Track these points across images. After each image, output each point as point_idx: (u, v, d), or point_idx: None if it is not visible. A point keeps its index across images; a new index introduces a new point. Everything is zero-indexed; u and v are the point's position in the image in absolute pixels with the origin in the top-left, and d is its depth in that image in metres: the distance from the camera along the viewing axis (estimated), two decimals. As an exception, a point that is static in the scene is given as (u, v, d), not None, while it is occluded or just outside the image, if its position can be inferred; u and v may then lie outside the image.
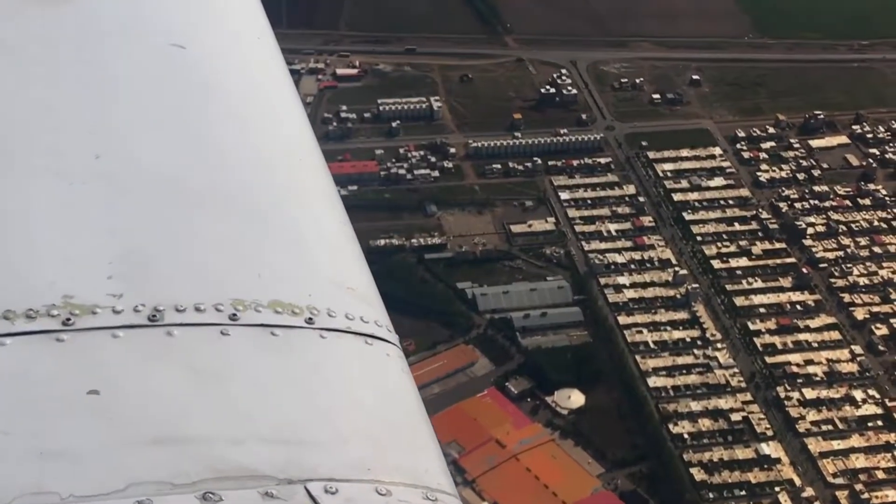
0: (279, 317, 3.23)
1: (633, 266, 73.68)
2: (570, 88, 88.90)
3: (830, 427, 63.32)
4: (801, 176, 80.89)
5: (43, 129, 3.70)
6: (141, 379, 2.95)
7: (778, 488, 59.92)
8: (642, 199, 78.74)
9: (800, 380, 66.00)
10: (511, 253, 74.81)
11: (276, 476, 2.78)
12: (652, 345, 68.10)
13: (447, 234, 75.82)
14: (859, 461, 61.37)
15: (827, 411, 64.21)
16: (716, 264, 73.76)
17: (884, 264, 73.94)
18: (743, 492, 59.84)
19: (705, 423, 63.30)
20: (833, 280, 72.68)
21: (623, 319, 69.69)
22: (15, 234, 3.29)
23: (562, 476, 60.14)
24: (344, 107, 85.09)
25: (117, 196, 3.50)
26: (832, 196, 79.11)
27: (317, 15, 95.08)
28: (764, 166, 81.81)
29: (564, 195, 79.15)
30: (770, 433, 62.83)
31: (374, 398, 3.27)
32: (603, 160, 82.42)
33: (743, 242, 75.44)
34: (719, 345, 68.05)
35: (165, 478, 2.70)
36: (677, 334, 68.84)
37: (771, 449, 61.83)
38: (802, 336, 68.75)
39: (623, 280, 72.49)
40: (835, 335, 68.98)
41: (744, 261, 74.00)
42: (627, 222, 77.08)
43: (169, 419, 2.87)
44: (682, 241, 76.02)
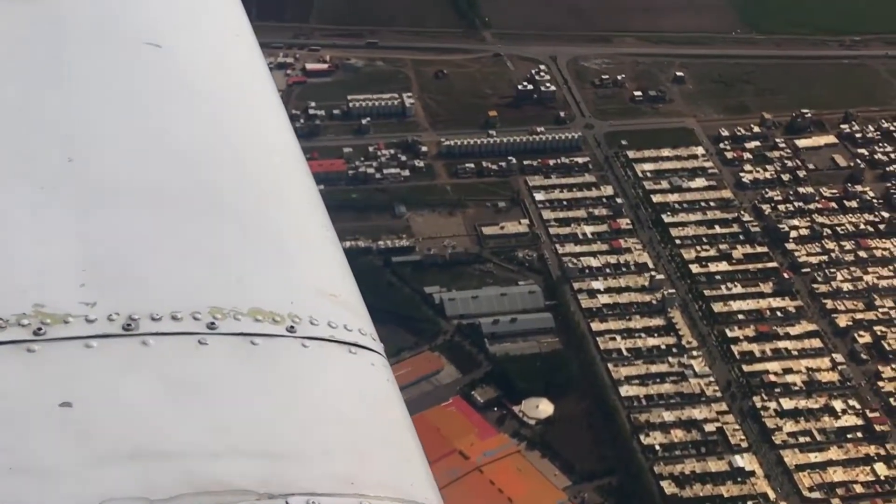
0: (259, 325, 3.22)
1: (609, 270, 73.13)
2: (549, 85, 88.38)
3: (808, 439, 62.76)
4: (786, 177, 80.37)
5: (13, 132, 3.66)
6: (115, 391, 2.93)
7: (751, 502, 59.34)
8: (620, 201, 78.19)
9: (778, 389, 65.44)
10: (482, 256, 74.24)
11: (257, 490, 2.76)
12: (625, 352, 67.54)
13: (416, 236, 75.25)
14: (837, 474, 60.81)
15: (805, 422, 63.65)
16: (694, 269, 73.20)
17: (869, 269, 73.40)
18: (715, 506, 59.27)
19: (678, 435, 62.73)
20: (816, 286, 72.16)
21: (596, 326, 69.13)
22: None
23: (526, 489, 59.57)
24: (313, 103, 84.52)
25: (91, 201, 3.47)
26: (817, 198, 78.57)
27: (287, 7, 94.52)
28: (748, 167, 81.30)
29: (539, 196, 78.59)
30: (745, 445, 62.29)
31: (358, 409, 3.26)
32: (581, 160, 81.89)
33: (723, 246, 74.87)
34: (695, 353, 67.50)
35: (141, 493, 2.67)
36: (652, 341, 68.27)
37: (745, 461, 61.26)
38: (782, 344, 68.18)
39: (597, 285, 71.91)
40: (815, 343, 68.43)
41: (723, 265, 73.45)
42: (604, 224, 76.51)
43: (144, 432, 2.84)
44: (661, 245, 75.48)
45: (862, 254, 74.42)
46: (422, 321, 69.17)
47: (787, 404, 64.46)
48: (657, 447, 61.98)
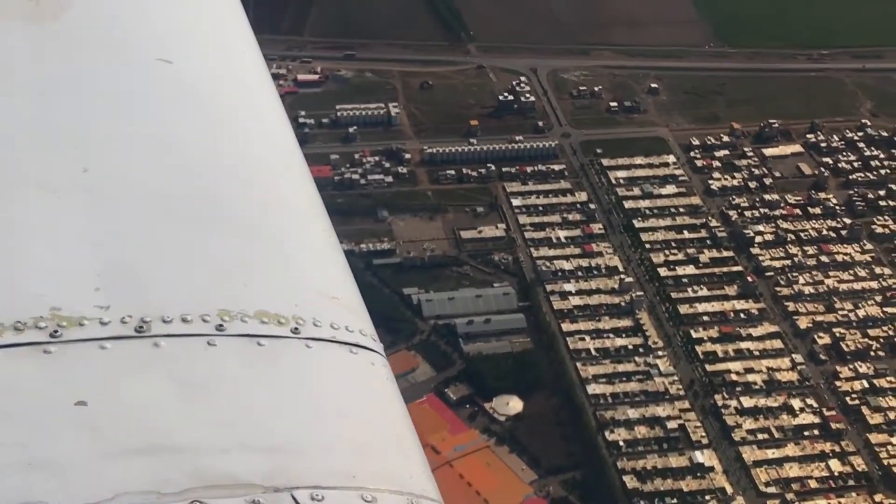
0: (265, 327, 3.24)
1: (581, 273, 72.94)
2: (529, 96, 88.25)
3: (766, 436, 62.49)
4: (753, 184, 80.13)
5: (31, 144, 3.71)
6: (128, 390, 2.95)
7: (709, 497, 59.17)
8: (593, 207, 78.00)
9: (738, 388, 65.18)
10: (459, 259, 74.10)
11: (263, 484, 2.79)
12: (594, 352, 67.33)
13: (397, 240, 75.16)
14: (793, 470, 60.55)
15: (764, 420, 63.37)
16: (662, 272, 72.99)
17: (830, 273, 73.11)
18: (674, 500, 59.02)
19: (641, 431, 62.54)
20: (778, 289, 71.88)
21: (567, 326, 68.94)
22: (3, 247, 3.30)
23: (494, 483, 59.44)
24: (303, 112, 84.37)
25: (105, 209, 3.50)
26: (782, 205, 78.30)
27: (283, 21, 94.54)
28: (716, 174, 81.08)
29: (516, 201, 78.47)
30: (705, 441, 62.04)
31: (360, 406, 3.29)
32: (557, 167, 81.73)
33: (691, 250, 74.66)
34: (660, 352, 67.28)
35: (153, 487, 2.70)
36: (619, 342, 68.05)
37: (705, 457, 61.05)
38: (744, 344, 67.93)
39: (569, 287, 71.74)
40: (777, 344, 68.17)
41: (690, 269, 73.23)
42: (577, 229, 76.32)
43: (156, 429, 2.87)
44: (631, 249, 75.27)
45: (824, 258, 74.14)
46: (400, 321, 68.96)
47: (748, 402, 64.21)
48: (621, 443, 61.79)
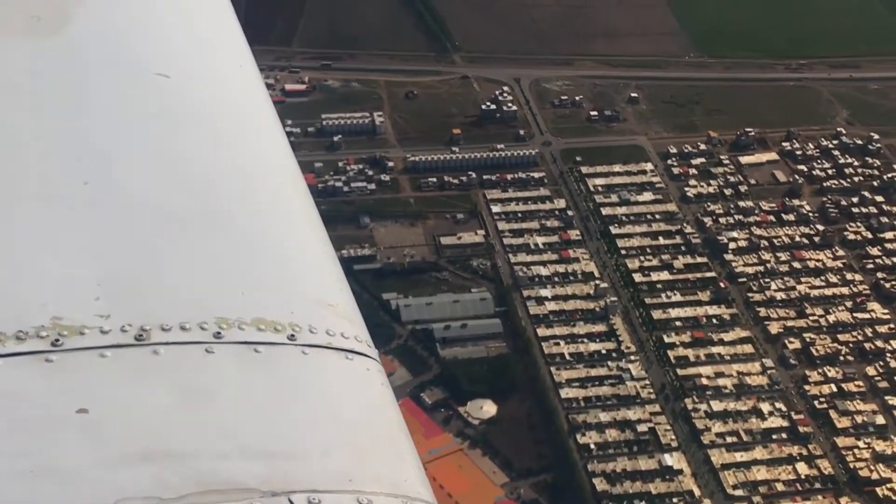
0: (262, 334, 3.23)
1: (557, 279, 71.82)
2: (511, 105, 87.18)
3: (735, 439, 61.30)
4: (729, 191, 78.91)
5: (32, 157, 3.69)
6: (128, 397, 2.94)
7: (677, 499, 58.04)
8: (571, 213, 76.89)
9: (709, 392, 64.01)
10: (438, 264, 73.06)
11: (261, 489, 2.77)
12: (568, 356, 66.23)
13: (378, 246, 74.18)
14: (760, 473, 59.36)
15: (733, 423, 62.20)
16: (637, 278, 71.80)
17: (802, 279, 71.84)
18: (643, 502, 57.90)
19: (612, 434, 61.42)
20: (751, 294, 70.64)
21: (542, 331, 67.83)
22: (5, 258, 3.28)
23: (466, 485, 58.38)
24: (289, 121, 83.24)
25: (105, 220, 3.50)
26: (757, 211, 77.06)
27: (273, 32, 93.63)
28: (693, 182, 79.86)
29: (496, 208, 77.40)
30: (675, 444, 60.90)
31: (355, 411, 3.28)
32: (537, 175, 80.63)
33: (665, 256, 73.46)
34: (633, 357, 66.15)
35: (153, 492, 2.69)
36: (593, 346, 66.92)
37: (674, 460, 59.92)
38: (715, 349, 66.73)
39: (545, 292, 70.63)
40: (747, 348, 66.96)
41: (665, 274, 72.05)
42: (555, 235, 75.21)
43: (156, 435, 2.86)
44: (607, 255, 74.13)
45: (796, 264, 72.89)
46: (378, 326, 67.86)
47: (717, 406, 63.05)
48: (592, 446, 60.69)
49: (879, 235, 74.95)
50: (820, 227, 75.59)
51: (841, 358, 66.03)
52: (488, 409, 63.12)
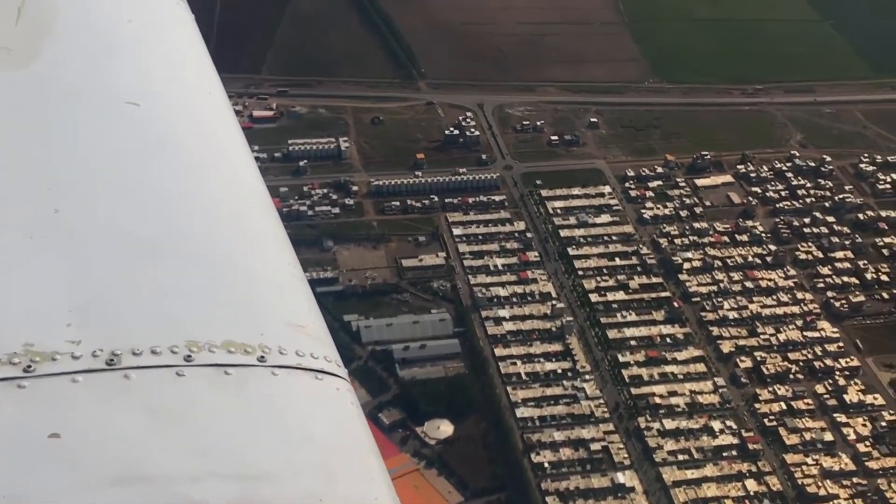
0: (232, 356, 3.19)
1: (515, 299, 71.20)
2: (474, 130, 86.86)
3: (686, 457, 60.64)
4: (684, 213, 78.59)
5: (3, 187, 3.63)
6: (100, 421, 2.89)
7: (628, 517, 57.19)
8: (530, 235, 76.39)
9: (662, 410, 63.38)
10: (399, 286, 72.34)
11: None
12: (524, 376, 65.53)
13: (341, 268, 73.44)
14: (711, 490, 58.67)
15: (685, 441, 61.56)
16: (594, 298, 71.28)
17: (754, 299, 71.45)
18: (595, 520, 57.06)
19: (566, 453, 60.64)
20: (704, 314, 70.16)
21: (499, 351, 67.17)
22: None
23: (420, 505, 57.46)
24: (256, 147, 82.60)
25: (76, 247, 3.47)
26: (711, 232, 76.71)
27: (242, 60, 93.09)
28: (649, 204, 79.53)
29: (457, 231, 76.88)
30: (627, 462, 60.14)
31: (325, 431, 3.22)
32: (497, 198, 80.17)
33: (621, 277, 73.00)
34: (588, 376, 65.46)
35: None
36: (549, 366, 66.26)
37: (626, 478, 59.16)
38: (669, 368, 66.16)
39: (503, 313, 70.00)
40: (700, 367, 66.42)
41: (620, 295, 71.54)
42: (514, 257, 74.68)
43: (128, 459, 2.81)
44: (565, 276, 73.58)
45: (748, 284, 72.53)
46: (339, 347, 66.01)
47: (670, 424, 62.41)
48: (546, 465, 59.91)
49: (830, 255, 74.71)
50: (772, 248, 75.29)
51: (791, 376, 65.56)
52: (445, 429, 62.29)
